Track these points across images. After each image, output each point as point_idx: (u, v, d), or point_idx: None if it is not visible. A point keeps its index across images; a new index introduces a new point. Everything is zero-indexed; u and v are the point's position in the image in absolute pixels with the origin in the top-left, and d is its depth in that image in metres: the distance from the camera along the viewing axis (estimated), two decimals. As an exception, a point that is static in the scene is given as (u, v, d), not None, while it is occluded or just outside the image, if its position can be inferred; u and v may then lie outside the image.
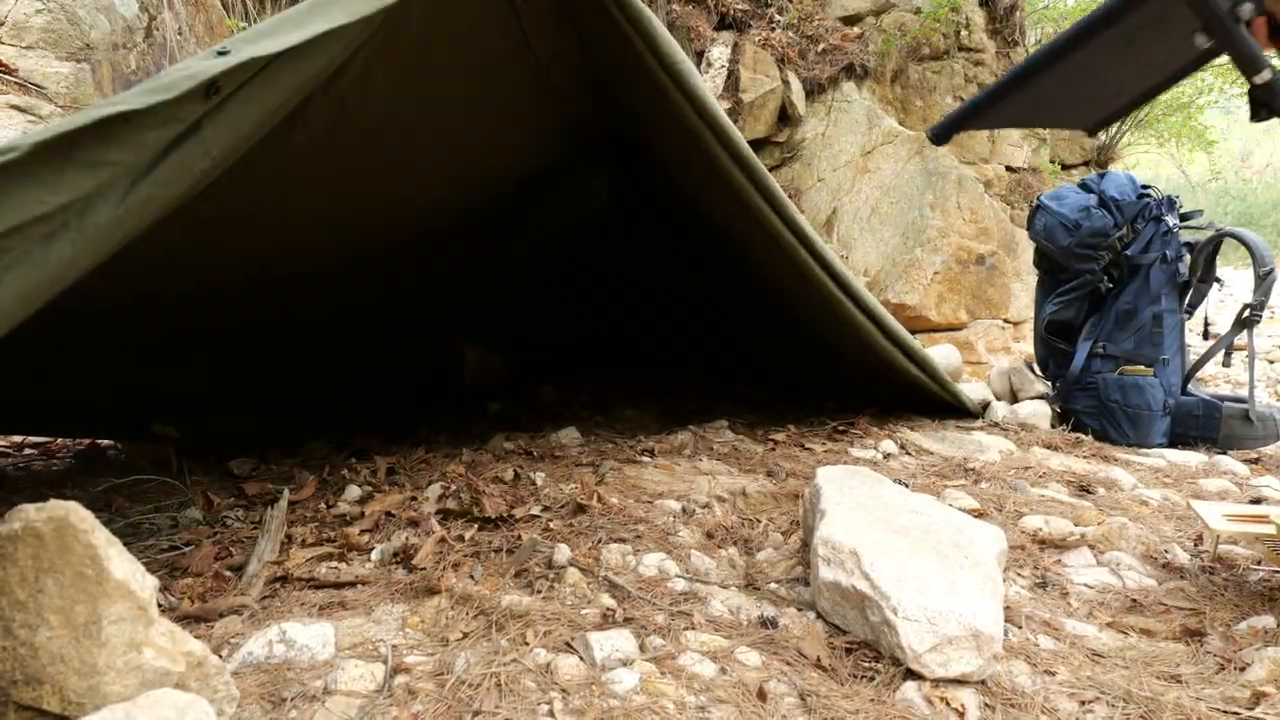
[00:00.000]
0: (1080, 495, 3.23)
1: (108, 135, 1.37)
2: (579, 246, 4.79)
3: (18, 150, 1.26)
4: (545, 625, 1.90)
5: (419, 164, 2.73)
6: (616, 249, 4.82)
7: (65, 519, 1.30)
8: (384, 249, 3.26)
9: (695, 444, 3.75)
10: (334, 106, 2.12)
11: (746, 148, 2.78)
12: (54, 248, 1.38)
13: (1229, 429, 4.09)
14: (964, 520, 2.24)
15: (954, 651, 1.78)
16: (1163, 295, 4.12)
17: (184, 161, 1.56)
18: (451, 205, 3.27)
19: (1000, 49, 9.03)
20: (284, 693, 1.65)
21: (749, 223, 3.10)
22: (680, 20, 7.10)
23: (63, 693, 1.27)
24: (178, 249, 1.99)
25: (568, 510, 2.75)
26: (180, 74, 1.47)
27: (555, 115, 3.20)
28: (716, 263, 4.05)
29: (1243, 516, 2.46)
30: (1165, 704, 1.76)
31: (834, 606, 2.02)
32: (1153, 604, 2.30)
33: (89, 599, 1.29)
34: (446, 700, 1.61)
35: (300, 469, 3.35)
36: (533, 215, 4.08)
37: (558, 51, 2.75)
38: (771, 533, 2.64)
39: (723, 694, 1.71)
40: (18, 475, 3.51)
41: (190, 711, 1.23)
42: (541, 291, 5.09)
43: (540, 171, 3.73)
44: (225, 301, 2.84)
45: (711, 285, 4.45)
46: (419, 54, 2.21)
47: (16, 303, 1.38)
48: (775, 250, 3.16)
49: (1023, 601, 2.26)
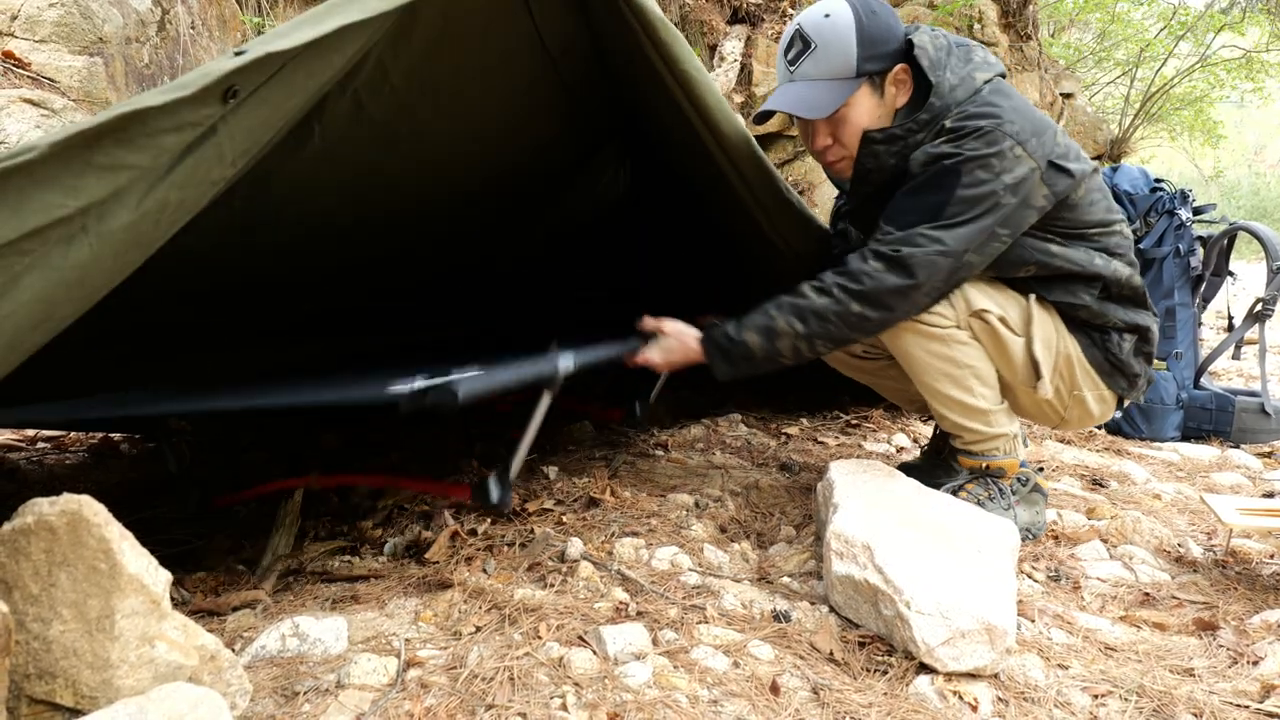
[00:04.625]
0: (1093, 489, 3.22)
1: (126, 138, 1.37)
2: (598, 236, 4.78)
3: (36, 151, 1.26)
4: (558, 619, 1.90)
5: (436, 162, 2.72)
6: (635, 240, 4.81)
7: (78, 513, 1.30)
8: (403, 248, 3.26)
9: (708, 437, 3.75)
10: (350, 106, 2.11)
11: (749, 147, 2.76)
12: (72, 251, 1.38)
13: (1242, 423, 4.08)
14: (977, 514, 2.24)
15: (967, 645, 1.78)
16: (1175, 289, 4.11)
17: (200, 165, 1.56)
18: (469, 201, 3.27)
19: (1013, 42, 9.01)
20: (297, 686, 1.65)
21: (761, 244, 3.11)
22: (693, 15, 7.09)
23: (76, 686, 1.28)
24: (192, 250, 1.98)
25: (580, 504, 2.75)
26: (197, 74, 1.47)
27: (570, 108, 3.19)
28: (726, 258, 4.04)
29: (1256, 510, 2.45)
30: (1178, 697, 1.76)
31: (847, 600, 2.02)
32: (1165, 598, 2.29)
33: (102, 593, 1.29)
34: (459, 694, 1.61)
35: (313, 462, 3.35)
36: (552, 208, 4.07)
37: (570, 45, 2.74)
38: (784, 526, 2.64)
39: (735, 688, 1.71)
40: (31, 469, 3.52)
41: (203, 705, 1.23)
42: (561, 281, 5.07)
43: (558, 165, 3.72)
44: (240, 304, 2.84)
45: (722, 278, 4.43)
46: (432, 51, 2.20)
47: (36, 304, 1.38)
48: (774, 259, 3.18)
49: (1035, 595, 2.26)
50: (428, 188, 2.89)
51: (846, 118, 2.45)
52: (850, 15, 2.38)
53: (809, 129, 2.57)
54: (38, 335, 1.49)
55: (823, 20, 2.40)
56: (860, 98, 2.42)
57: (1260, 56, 15.04)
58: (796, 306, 2.39)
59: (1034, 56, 9.29)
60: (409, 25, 2.01)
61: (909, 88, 2.44)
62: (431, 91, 2.36)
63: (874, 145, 2.44)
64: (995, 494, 2.55)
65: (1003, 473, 2.57)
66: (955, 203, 2.27)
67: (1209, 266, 4.15)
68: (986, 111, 2.30)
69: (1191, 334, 4.19)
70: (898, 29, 2.44)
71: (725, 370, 2.51)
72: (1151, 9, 14.72)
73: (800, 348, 2.42)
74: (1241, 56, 15.28)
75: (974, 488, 2.56)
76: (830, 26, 2.39)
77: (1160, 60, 15.34)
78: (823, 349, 2.48)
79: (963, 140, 2.28)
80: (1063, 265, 2.43)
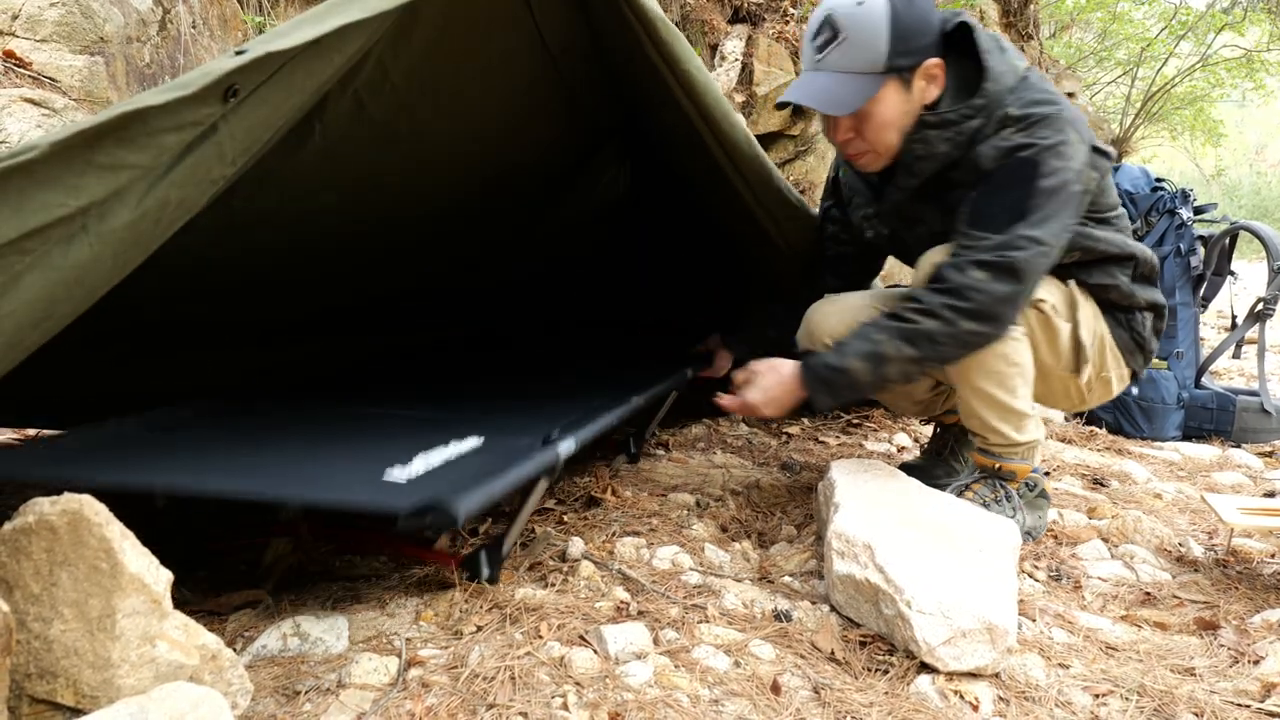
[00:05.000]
0: (1094, 488, 3.22)
1: (126, 137, 1.37)
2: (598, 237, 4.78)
3: (37, 150, 1.26)
4: (559, 618, 1.90)
5: (437, 162, 2.72)
6: (634, 239, 4.81)
7: (79, 512, 1.30)
8: (403, 248, 3.26)
9: (709, 436, 3.75)
10: (351, 105, 2.12)
11: (750, 147, 2.76)
12: (72, 251, 1.38)
13: (1243, 422, 4.08)
14: (978, 513, 2.23)
15: (968, 645, 1.78)
16: (1176, 288, 4.12)
17: (200, 164, 1.56)
18: (470, 201, 3.27)
19: (1015, 41, 9.01)
20: (298, 686, 1.65)
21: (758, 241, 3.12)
22: (694, 14, 7.08)
23: (76, 686, 1.28)
24: (191, 249, 1.98)
25: (581, 503, 2.75)
26: (198, 73, 1.47)
27: (571, 108, 3.19)
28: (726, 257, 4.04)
29: (1257, 510, 2.45)
30: (1179, 697, 1.76)
31: (848, 600, 2.02)
32: (1166, 597, 2.29)
33: (103, 592, 1.29)
34: (460, 693, 1.61)
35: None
36: (552, 208, 4.07)
37: (571, 45, 2.74)
38: (785, 526, 2.64)
39: (736, 687, 1.71)
40: None
41: (204, 705, 1.23)
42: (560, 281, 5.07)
43: (558, 165, 3.72)
44: (241, 302, 2.84)
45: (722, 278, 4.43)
46: (433, 50, 2.20)
47: (38, 303, 1.38)
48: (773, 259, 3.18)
49: (1036, 594, 2.26)
50: (428, 187, 2.89)
51: (871, 113, 2.35)
52: (885, 4, 2.25)
53: (830, 120, 2.47)
54: (38, 334, 1.50)
55: (855, 8, 2.26)
56: (887, 93, 2.32)
57: (1261, 56, 15.05)
58: (903, 331, 2.29)
59: (1035, 56, 9.29)
60: (409, 25, 2.01)
61: (940, 83, 2.36)
62: (432, 91, 2.36)
63: (927, 130, 2.35)
64: (1001, 497, 2.53)
65: (1013, 476, 2.55)
66: (1037, 195, 2.20)
67: (1210, 266, 4.15)
68: (1048, 97, 2.25)
69: (1193, 333, 4.20)
70: (933, 19, 2.35)
71: (827, 402, 2.44)
72: (1152, 9, 14.75)
73: (910, 371, 2.34)
74: (1242, 56, 15.30)
75: (980, 489, 2.55)
76: (864, 16, 2.26)
77: (1161, 60, 15.36)
78: (934, 369, 2.44)
79: (1033, 129, 2.22)
80: (1104, 248, 2.43)
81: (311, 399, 2.93)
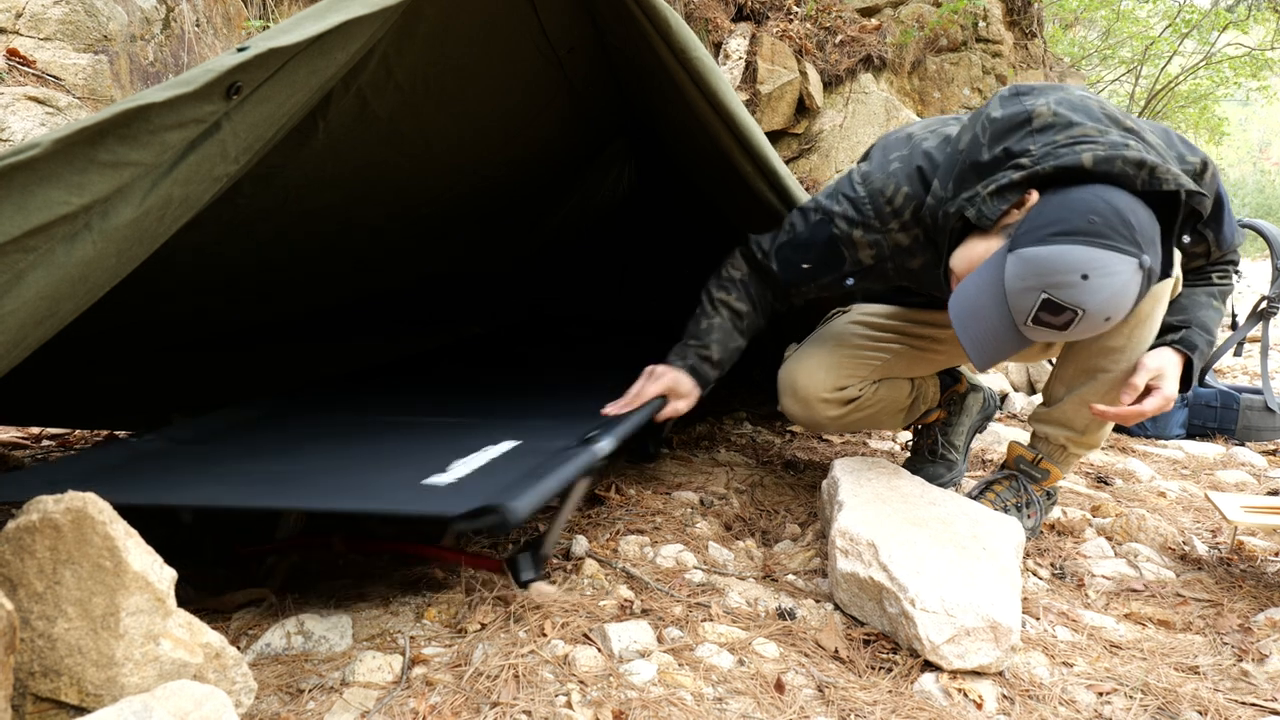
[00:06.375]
0: (1098, 486, 3.22)
1: (129, 135, 1.37)
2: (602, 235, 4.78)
3: (40, 148, 1.26)
4: (563, 617, 1.90)
5: (441, 160, 2.72)
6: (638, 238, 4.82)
7: (83, 510, 1.30)
8: (408, 247, 3.26)
9: (713, 435, 3.75)
10: (355, 103, 2.11)
11: (761, 135, 2.76)
12: (76, 248, 1.38)
13: (1247, 420, 4.08)
14: (981, 511, 2.23)
15: (972, 643, 1.78)
16: (1180, 286, 4.11)
17: (204, 162, 1.56)
18: (474, 199, 3.27)
19: (1018, 40, 9.00)
20: (301, 684, 1.65)
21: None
22: (698, 12, 7.08)
23: (80, 684, 1.27)
24: (195, 246, 1.99)
25: (585, 501, 2.75)
26: (200, 70, 1.46)
27: (575, 107, 3.19)
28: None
29: (1261, 508, 2.45)
30: (1183, 695, 1.75)
31: (852, 598, 2.02)
32: (1170, 595, 2.29)
33: (107, 590, 1.29)
34: (464, 691, 1.61)
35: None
36: (557, 205, 4.07)
37: (575, 43, 2.74)
38: (789, 524, 2.64)
39: (740, 685, 1.71)
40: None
41: (208, 703, 1.23)
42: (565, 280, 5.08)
43: (563, 162, 3.72)
44: (244, 299, 2.84)
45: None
46: (437, 48, 2.20)
47: (41, 301, 1.38)
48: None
49: (1040, 593, 2.26)
50: (432, 185, 2.89)
51: None
52: (1136, 278, 1.91)
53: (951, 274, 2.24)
54: (41, 331, 1.49)
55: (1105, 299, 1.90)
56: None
57: (1265, 54, 15.02)
58: (1224, 292, 2.38)
59: (1038, 54, 9.27)
60: (413, 23, 2.01)
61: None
62: (436, 89, 2.36)
63: None
64: (1024, 503, 2.51)
65: (1047, 476, 2.52)
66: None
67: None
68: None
69: (1196, 332, 4.19)
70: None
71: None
72: (1156, 7, 14.72)
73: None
74: (1246, 54, 15.27)
75: (1004, 491, 2.53)
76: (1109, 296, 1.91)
77: (1165, 58, 15.33)
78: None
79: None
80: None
81: (336, 408, 2.92)
